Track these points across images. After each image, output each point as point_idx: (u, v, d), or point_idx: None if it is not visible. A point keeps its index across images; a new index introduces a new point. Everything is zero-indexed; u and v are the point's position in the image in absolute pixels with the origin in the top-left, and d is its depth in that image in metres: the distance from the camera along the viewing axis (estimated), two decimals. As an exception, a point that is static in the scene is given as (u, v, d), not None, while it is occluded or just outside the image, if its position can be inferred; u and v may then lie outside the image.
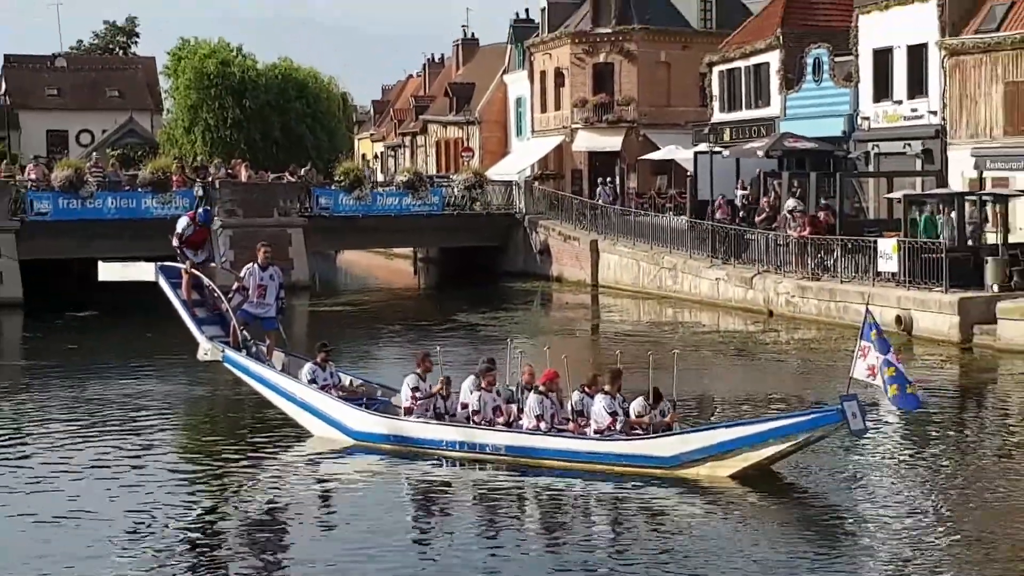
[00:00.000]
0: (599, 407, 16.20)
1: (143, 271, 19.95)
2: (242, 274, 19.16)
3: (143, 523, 14.53)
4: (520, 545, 13.65)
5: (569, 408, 16.63)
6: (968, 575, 12.34)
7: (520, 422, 16.70)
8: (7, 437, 19.55)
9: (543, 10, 62.01)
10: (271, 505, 15.68)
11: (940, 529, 14.06)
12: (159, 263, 19.61)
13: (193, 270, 19.43)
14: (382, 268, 59.53)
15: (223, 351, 18.79)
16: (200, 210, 20.66)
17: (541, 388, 16.63)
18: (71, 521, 14.68)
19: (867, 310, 16.41)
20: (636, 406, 16.34)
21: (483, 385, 17.06)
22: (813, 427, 15.59)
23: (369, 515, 14.72)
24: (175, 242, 19.57)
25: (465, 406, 17.19)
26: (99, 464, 17.57)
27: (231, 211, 42.06)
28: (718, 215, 38.98)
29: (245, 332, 19.01)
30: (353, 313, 40.12)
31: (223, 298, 19.06)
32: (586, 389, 16.70)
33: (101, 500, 15.63)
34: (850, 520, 14.51)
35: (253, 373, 18.81)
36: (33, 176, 42.67)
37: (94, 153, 62.54)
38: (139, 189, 41.95)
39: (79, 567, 12.78)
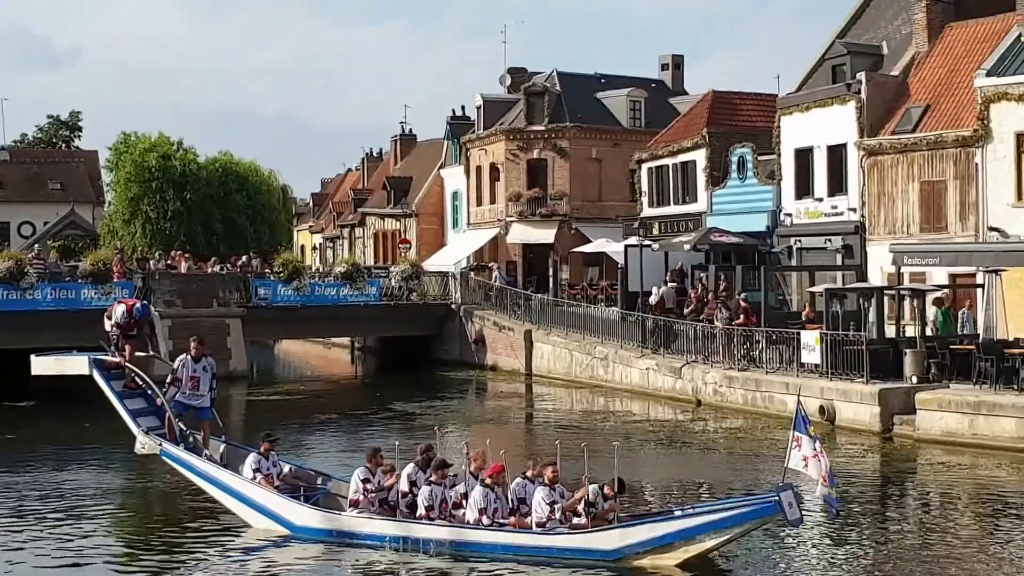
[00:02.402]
0: (539, 498, 15.97)
1: (77, 365, 19.75)
2: (175, 366, 18.98)
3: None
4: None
5: (510, 496, 16.38)
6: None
7: (462, 512, 16.40)
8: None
9: (479, 108, 62.45)
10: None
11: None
12: (92, 356, 19.43)
13: (128, 364, 19.25)
14: (320, 357, 59.11)
15: (160, 444, 18.60)
16: (138, 304, 20.28)
17: (488, 481, 16.37)
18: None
19: (798, 402, 16.42)
20: (590, 496, 16.13)
21: (434, 479, 16.72)
22: (752, 518, 15.53)
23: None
24: (108, 326, 19.47)
25: (405, 495, 16.85)
26: (37, 552, 17.24)
27: (170, 302, 41.61)
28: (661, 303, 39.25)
29: (180, 423, 18.80)
30: (291, 402, 39.65)
31: (158, 392, 18.85)
32: (527, 476, 16.55)
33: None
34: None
35: (191, 467, 18.55)
36: (-28, 267, 41.98)
37: (35, 245, 61.87)
38: (79, 280, 41.46)
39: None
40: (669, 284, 42.15)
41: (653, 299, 40.01)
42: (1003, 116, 34.56)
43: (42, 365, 20.60)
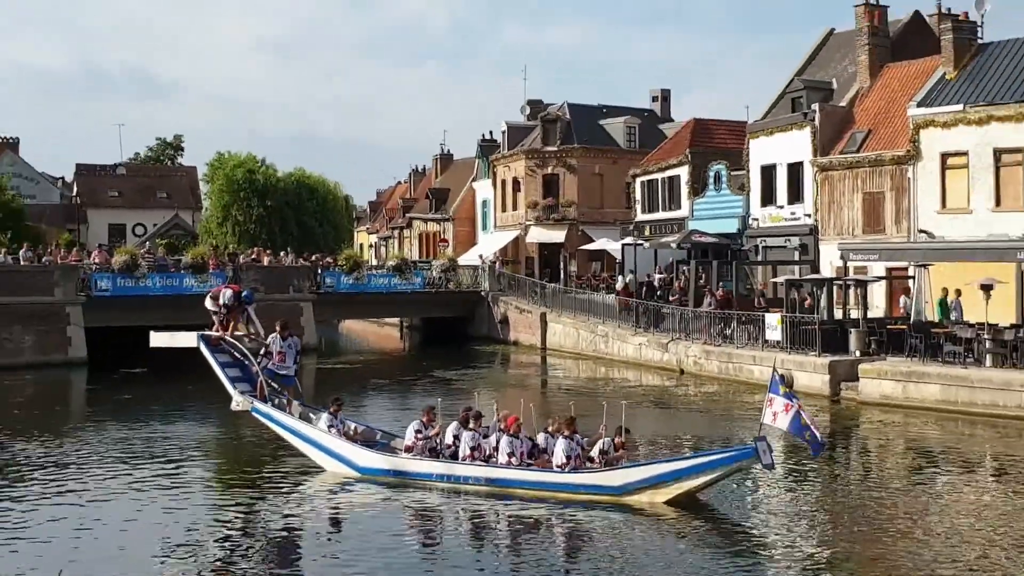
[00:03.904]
0: (559, 449, 16.12)
1: (187, 339, 19.70)
2: (268, 342, 18.98)
3: (183, 540, 14.36)
4: (496, 556, 13.57)
5: (536, 445, 16.55)
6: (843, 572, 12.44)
7: (496, 458, 16.56)
8: (74, 468, 19.22)
9: (503, 132, 62.60)
10: (289, 525, 15.42)
11: (817, 538, 14.16)
12: (200, 332, 19.43)
13: (229, 338, 19.31)
14: (375, 334, 59.31)
15: (252, 403, 18.63)
16: (246, 291, 20.28)
17: (511, 432, 16.55)
18: (124, 535, 14.50)
19: (774, 370, 16.60)
20: (603, 445, 16.36)
21: (472, 426, 16.95)
22: (733, 462, 15.65)
23: (371, 535, 14.56)
24: (210, 304, 19.35)
25: (449, 445, 17.04)
26: (147, 490, 17.39)
27: (255, 288, 41.18)
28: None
29: (272, 385, 18.87)
30: (352, 370, 39.81)
31: (253, 362, 18.93)
32: (549, 431, 16.72)
33: (150, 518, 15.48)
34: (754, 533, 14.60)
35: (277, 421, 18.59)
36: (97, 260, 42.30)
37: (146, 242, 62.27)
38: (182, 271, 41.67)
39: (142, 567, 12.60)
40: (656, 275, 42.42)
41: (619, 286, 40.82)
42: (931, 139, 34.54)
43: (159, 339, 20.56)
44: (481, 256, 54.97)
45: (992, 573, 12.62)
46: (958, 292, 27.26)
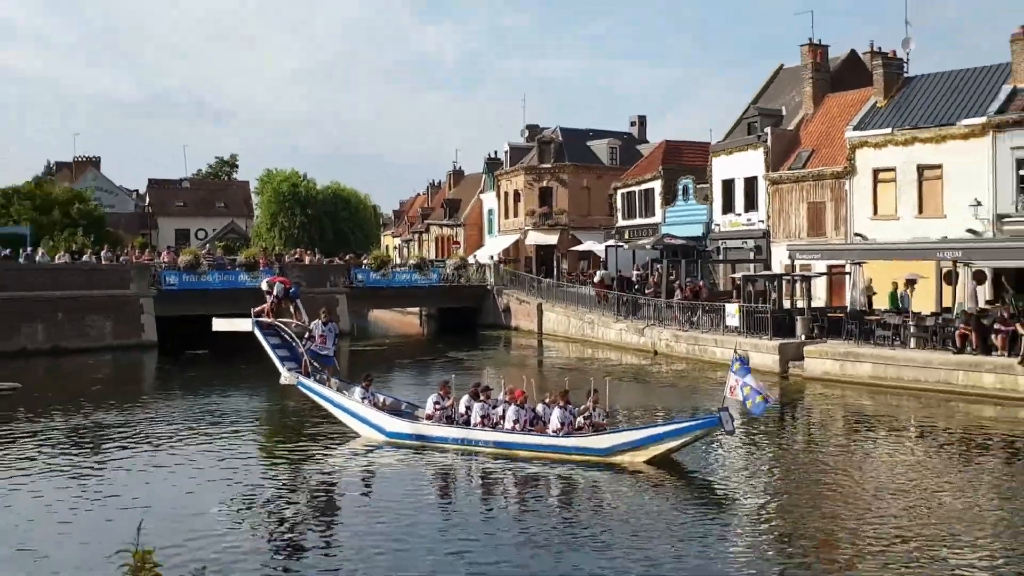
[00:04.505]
0: (555, 417, 16.21)
1: (244, 324, 19.82)
2: (311, 326, 19.08)
3: (239, 492, 14.44)
4: (503, 508, 13.64)
5: (536, 413, 16.64)
6: (790, 519, 12.50)
7: (503, 424, 16.64)
8: (146, 434, 19.32)
9: (506, 152, 62.47)
10: (330, 480, 15.56)
11: (770, 490, 14.21)
12: (254, 319, 19.53)
13: (277, 322, 19.42)
14: (398, 321, 59.36)
15: (297, 378, 18.72)
16: (293, 287, 20.38)
17: (518, 402, 16.63)
18: (190, 490, 14.55)
19: (735, 351, 16.65)
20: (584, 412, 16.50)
21: (482, 399, 17.07)
22: (700, 428, 15.72)
23: (397, 489, 14.61)
24: (265, 287, 19.68)
25: (463, 414, 17.11)
26: (208, 452, 17.49)
27: (298, 283, 41.64)
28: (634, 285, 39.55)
29: (315, 363, 18.93)
30: (379, 351, 39.86)
31: (299, 343, 18.99)
32: (546, 402, 16.79)
33: (211, 475, 15.57)
34: (718, 486, 14.66)
35: (319, 393, 18.67)
36: (166, 260, 42.33)
37: (207, 245, 62.31)
38: (236, 268, 41.77)
39: (206, 516, 12.70)
40: (633, 272, 42.45)
41: (595, 280, 40.73)
42: (864, 158, 34.57)
43: (220, 324, 20.57)
44: (490, 256, 55.04)
45: (911, 512, 12.77)
46: (908, 285, 27.23)
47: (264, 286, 19.91)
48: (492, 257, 55.03)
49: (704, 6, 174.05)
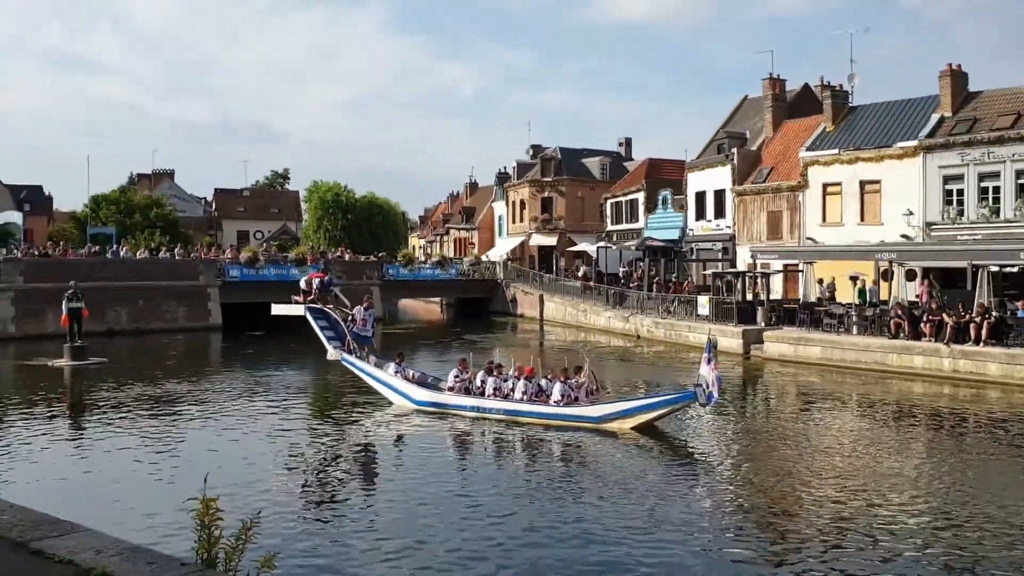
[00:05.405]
0: (556, 389, 16.16)
1: (298, 309, 19.81)
2: (353, 311, 19.09)
3: (290, 452, 14.40)
4: (511, 465, 13.60)
5: (540, 387, 16.57)
6: (752, 474, 12.44)
7: (513, 395, 16.59)
8: (211, 402, 19.31)
9: (514, 168, 62.14)
10: (367, 441, 15.51)
11: (737, 453, 14.15)
12: (307, 305, 19.54)
13: (325, 308, 19.46)
14: (423, 309, 59.38)
15: (341, 355, 18.71)
16: (328, 277, 20.38)
17: (527, 377, 16.59)
18: (247, 450, 14.52)
19: (709, 337, 16.57)
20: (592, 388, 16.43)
21: (494, 374, 17.01)
22: (679, 401, 15.63)
23: (423, 448, 14.59)
24: (303, 285, 19.69)
25: (478, 386, 17.06)
26: (263, 417, 17.42)
27: (340, 276, 41.79)
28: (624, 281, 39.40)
29: (354, 344, 18.93)
30: (407, 334, 39.83)
31: (343, 325, 18.99)
32: (548, 377, 16.73)
33: (265, 437, 15.48)
34: (693, 448, 14.57)
35: (360, 368, 18.66)
36: (229, 256, 42.44)
37: (264, 244, 62.32)
38: (288, 264, 41.79)
39: (261, 471, 12.67)
40: (620, 268, 42.32)
41: (580, 273, 40.75)
42: (815, 174, 34.44)
43: (278, 309, 20.58)
44: (500, 255, 54.94)
45: (852, 469, 12.71)
46: (875, 281, 26.96)
47: (303, 284, 19.89)
48: (501, 256, 54.90)
49: (686, 42, 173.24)
